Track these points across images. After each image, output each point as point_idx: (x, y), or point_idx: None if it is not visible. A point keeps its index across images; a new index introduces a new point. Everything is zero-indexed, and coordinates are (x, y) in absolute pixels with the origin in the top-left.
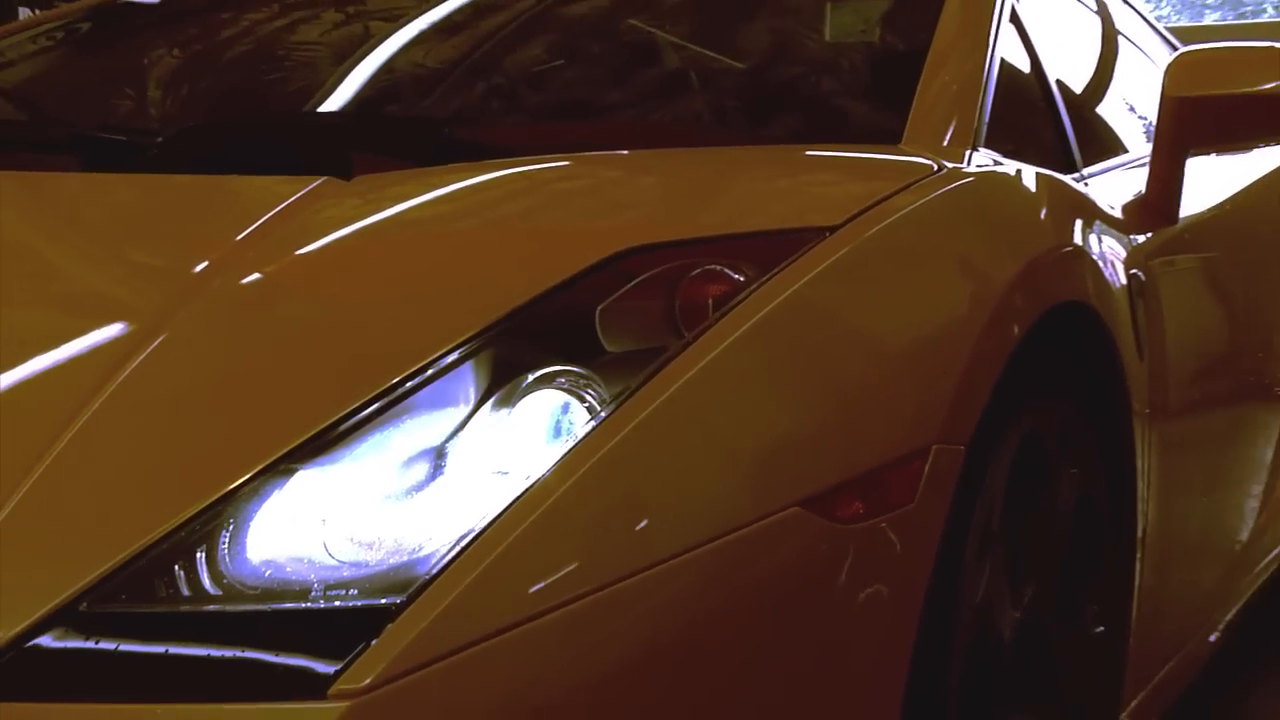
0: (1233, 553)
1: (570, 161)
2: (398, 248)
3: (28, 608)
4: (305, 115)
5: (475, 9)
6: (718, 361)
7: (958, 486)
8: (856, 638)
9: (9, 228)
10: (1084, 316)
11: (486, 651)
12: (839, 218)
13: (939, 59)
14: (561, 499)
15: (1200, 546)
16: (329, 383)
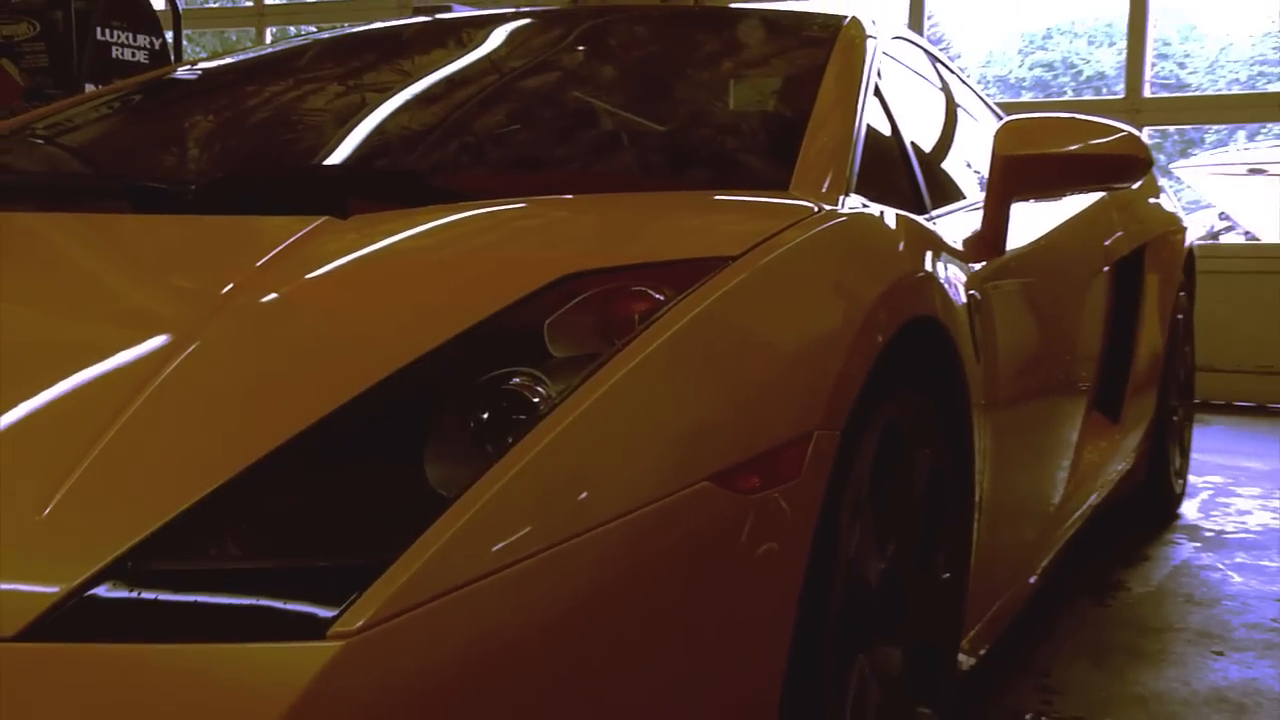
0: (1048, 513)
1: (525, 204)
2: (385, 273)
3: (85, 564)
4: (310, 168)
5: (449, 83)
6: (642, 364)
7: (834, 464)
8: (756, 583)
9: (75, 257)
10: (932, 328)
11: (457, 599)
12: (740, 249)
13: (818, 124)
14: (517, 474)
15: (1024, 508)
16: (331, 379)
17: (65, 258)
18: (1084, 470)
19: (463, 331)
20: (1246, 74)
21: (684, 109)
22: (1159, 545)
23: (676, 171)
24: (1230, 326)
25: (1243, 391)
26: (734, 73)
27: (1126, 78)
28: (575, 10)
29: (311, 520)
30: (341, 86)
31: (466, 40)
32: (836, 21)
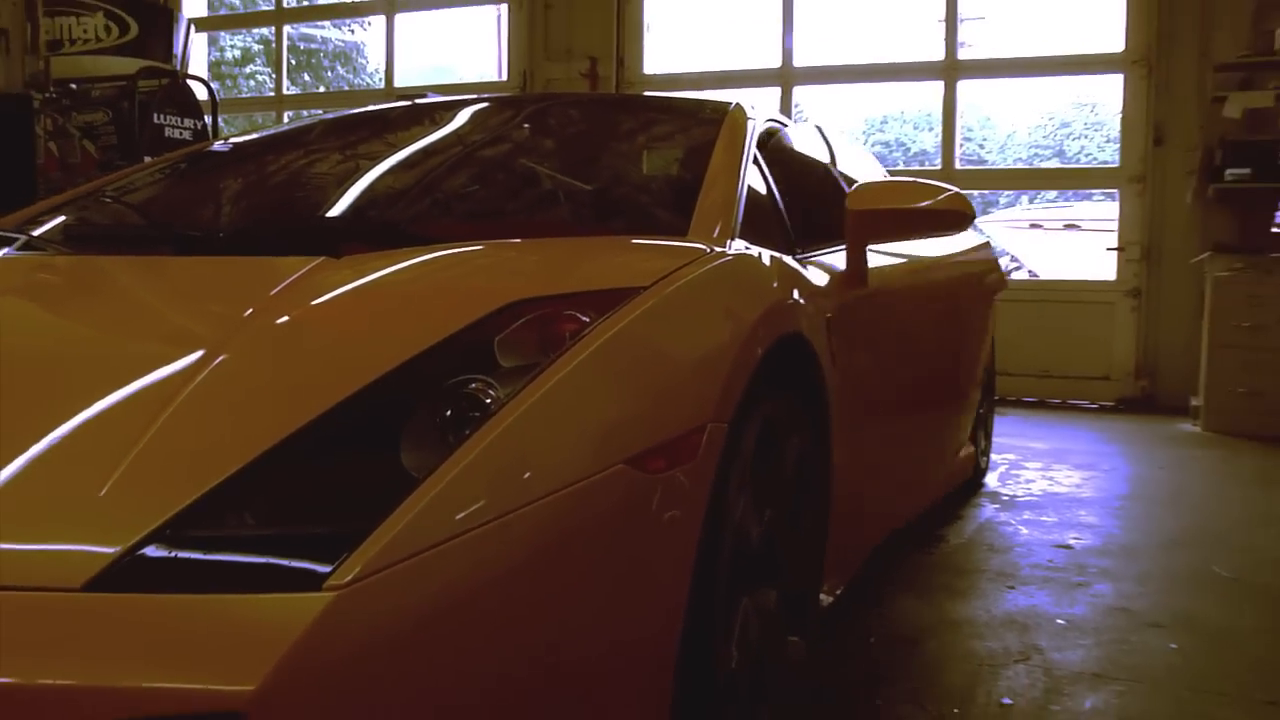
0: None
1: (482, 245)
2: (370, 300)
3: (134, 531)
4: (312, 219)
5: (424, 152)
6: (572, 372)
7: (723, 449)
8: (663, 542)
9: (133, 289)
10: (799, 343)
11: (428, 558)
12: (649, 281)
13: (710, 185)
14: (474, 459)
15: (876, 483)
16: (327, 384)
17: (126, 289)
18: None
19: (431, 346)
20: (1027, 154)
21: (607, 172)
22: (969, 507)
23: (601, 221)
24: (1018, 341)
25: (1027, 390)
26: (645, 145)
27: (942, 155)
28: (522, 96)
29: (310, 496)
30: (340, 155)
31: (438, 119)
32: (725, 106)
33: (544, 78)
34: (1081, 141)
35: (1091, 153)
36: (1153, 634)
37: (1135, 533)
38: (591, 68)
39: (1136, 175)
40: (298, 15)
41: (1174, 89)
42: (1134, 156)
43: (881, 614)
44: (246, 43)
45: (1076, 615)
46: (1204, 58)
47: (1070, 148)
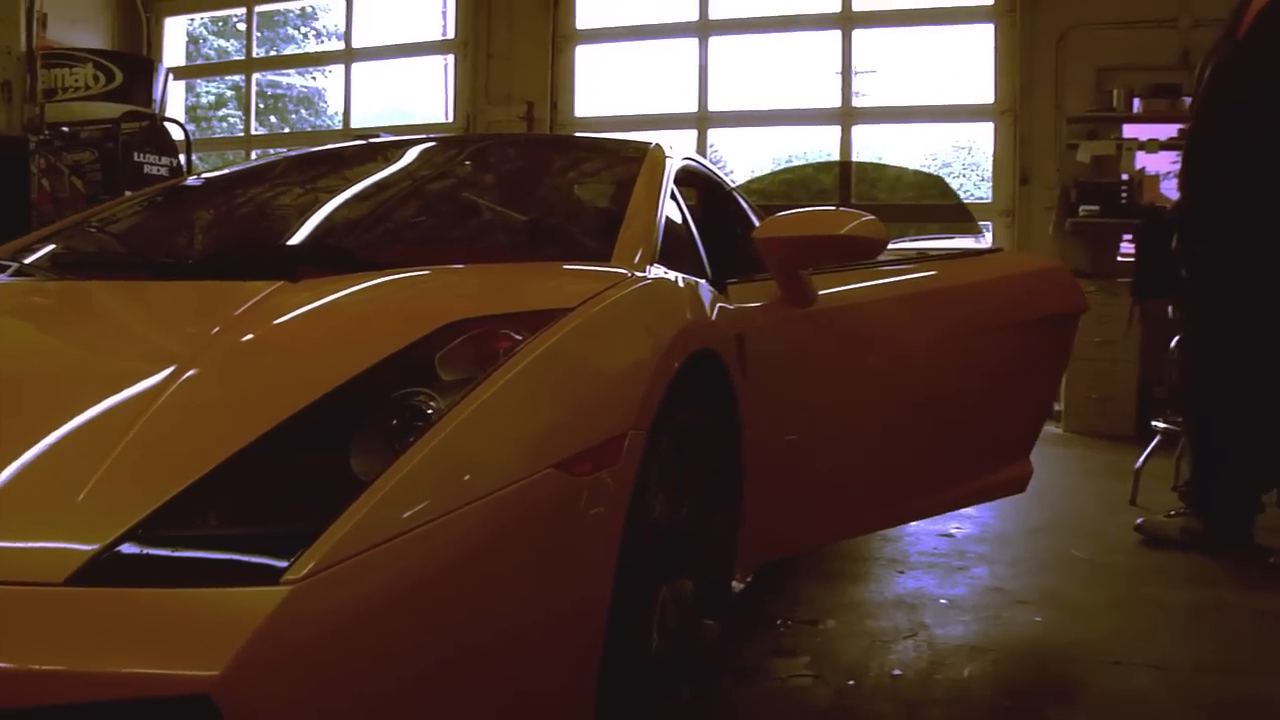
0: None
1: (427, 270)
2: (324, 320)
3: (110, 531)
4: (273, 246)
5: (377, 186)
6: (505, 386)
7: (643, 453)
8: (588, 539)
9: (113, 311)
10: (712, 357)
11: (377, 553)
12: (576, 302)
13: (632, 216)
14: (418, 464)
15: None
16: (285, 396)
17: (107, 311)
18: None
19: (378, 361)
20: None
21: (540, 204)
22: None
23: (534, 248)
24: None
25: None
26: (575, 180)
27: (839, 192)
28: (465, 136)
29: (269, 498)
30: (301, 189)
31: (389, 157)
32: (645, 146)
33: (486, 120)
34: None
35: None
36: (1021, 610)
37: (1007, 522)
38: (529, 111)
39: (1006, 210)
40: (266, 64)
41: (1035, 136)
42: (1004, 194)
43: (787, 598)
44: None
45: (957, 595)
46: (1059, 110)
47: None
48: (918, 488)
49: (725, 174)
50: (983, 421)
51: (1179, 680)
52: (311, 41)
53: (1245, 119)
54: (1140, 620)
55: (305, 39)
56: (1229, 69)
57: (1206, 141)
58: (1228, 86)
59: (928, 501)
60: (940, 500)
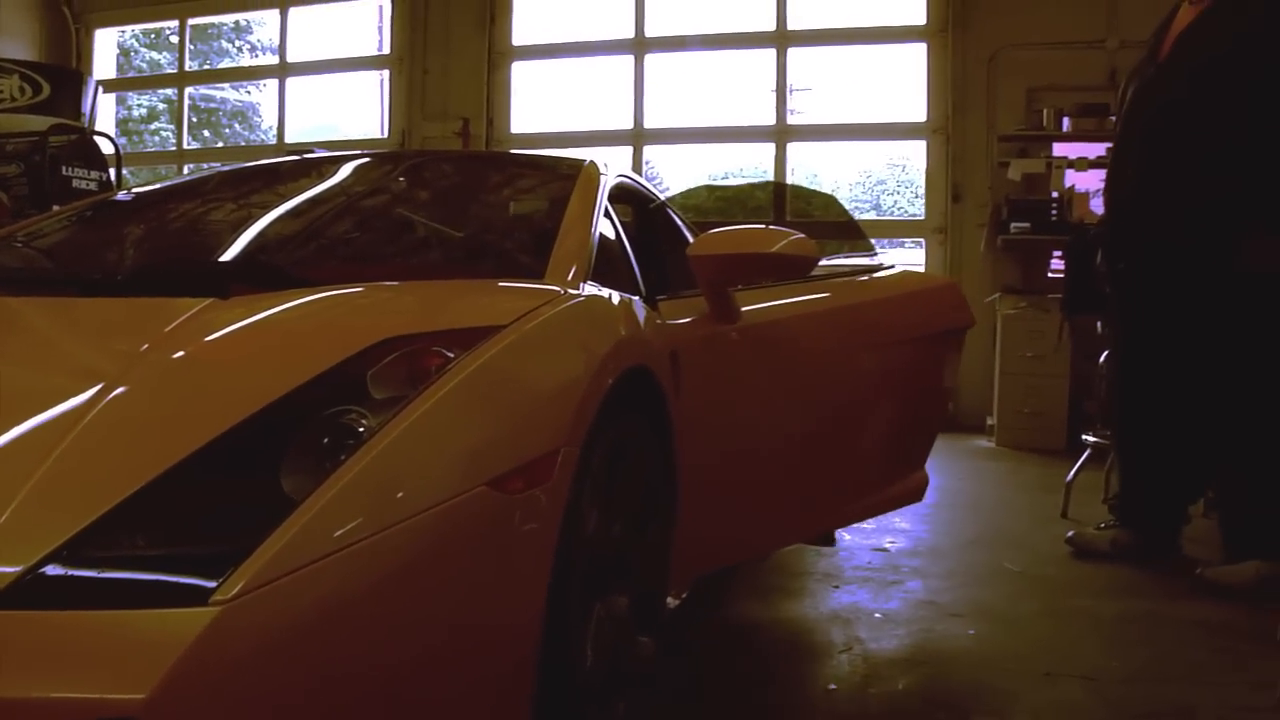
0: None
1: (360, 288)
2: (254, 337)
3: (34, 552)
4: (203, 262)
5: (310, 202)
6: (437, 404)
7: (576, 470)
8: (521, 556)
9: (40, 327)
10: (645, 374)
11: (308, 572)
12: (509, 319)
13: (565, 233)
14: (348, 482)
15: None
16: (214, 414)
17: (33, 328)
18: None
19: (310, 379)
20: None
21: (474, 221)
22: None
23: (469, 265)
24: None
25: None
26: (509, 197)
27: (774, 209)
28: (400, 152)
29: (198, 518)
30: (233, 205)
31: (323, 173)
32: (580, 163)
33: (421, 136)
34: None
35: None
36: (955, 623)
37: (941, 535)
38: (464, 127)
39: (939, 227)
40: (198, 78)
41: (967, 154)
42: (937, 211)
43: (723, 614)
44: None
45: (891, 609)
46: (990, 129)
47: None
48: (836, 498)
49: (661, 191)
50: (889, 433)
51: (1109, 690)
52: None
53: (1165, 139)
54: (1071, 631)
55: (240, 53)
56: (1150, 89)
57: (1128, 160)
58: (1149, 106)
59: (845, 511)
60: (855, 509)
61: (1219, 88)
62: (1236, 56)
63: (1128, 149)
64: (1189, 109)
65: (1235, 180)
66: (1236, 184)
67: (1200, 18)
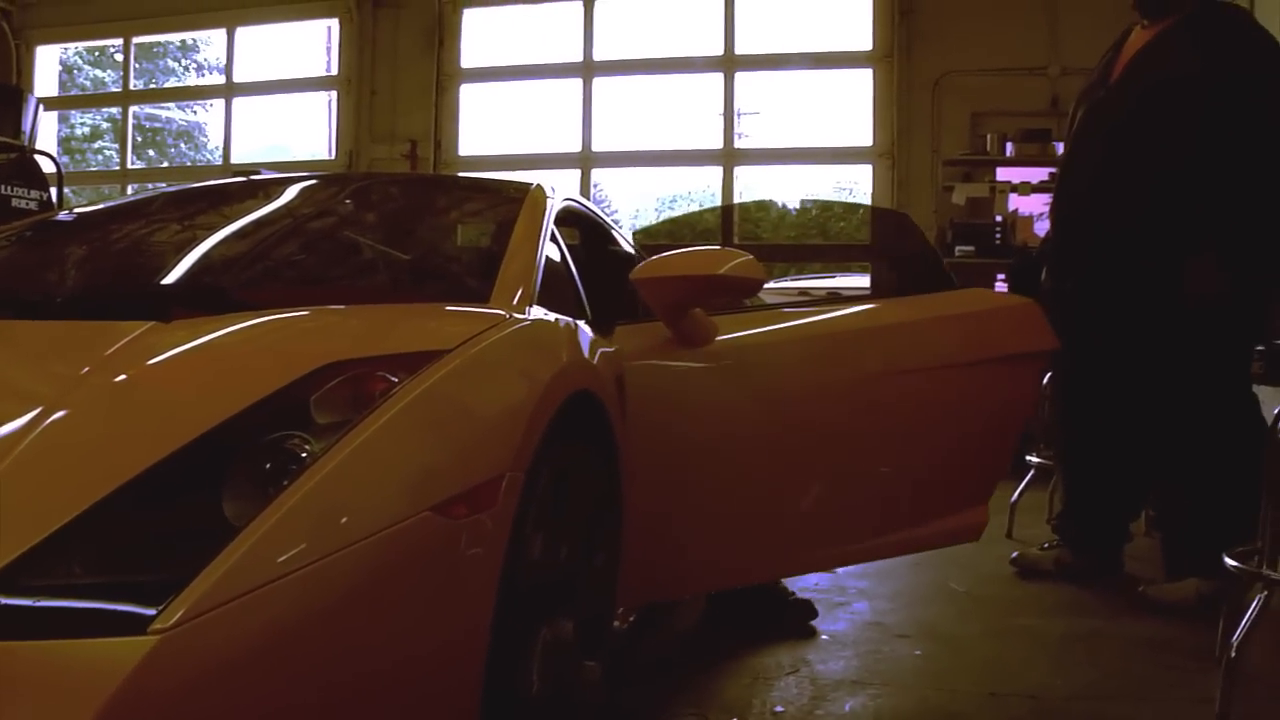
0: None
1: (306, 311)
2: (196, 361)
3: None
4: (145, 285)
5: (256, 224)
6: (381, 428)
7: (521, 495)
8: (466, 581)
9: None
10: (590, 398)
11: (251, 599)
12: (453, 344)
13: (511, 257)
14: (291, 508)
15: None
16: (155, 438)
17: None
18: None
19: (252, 404)
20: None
21: (421, 244)
22: None
23: (415, 288)
24: None
25: None
26: (456, 220)
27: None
28: (347, 175)
29: (138, 545)
30: (178, 226)
31: (269, 194)
32: (526, 187)
33: (369, 157)
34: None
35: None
36: (901, 643)
37: None
38: (412, 149)
39: None
40: (143, 97)
41: (912, 179)
42: None
43: (670, 636)
44: (96, 121)
45: (839, 631)
46: (935, 154)
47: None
48: (840, 534)
49: (609, 214)
50: (929, 465)
51: (1054, 709)
52: (192, 75)
53: (1113, 160)
54: (1016, 651)
55: (186, 72)
56: (1100, 111)
57: (1076, 180)
58: (1099, 128)
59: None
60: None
61: (1169, 112)
62: (1187, 81)
63: (1076, 169)
64: (1139, 132)
65: (1181, 203)
66: (1183, 207)
67: (1153, 41)
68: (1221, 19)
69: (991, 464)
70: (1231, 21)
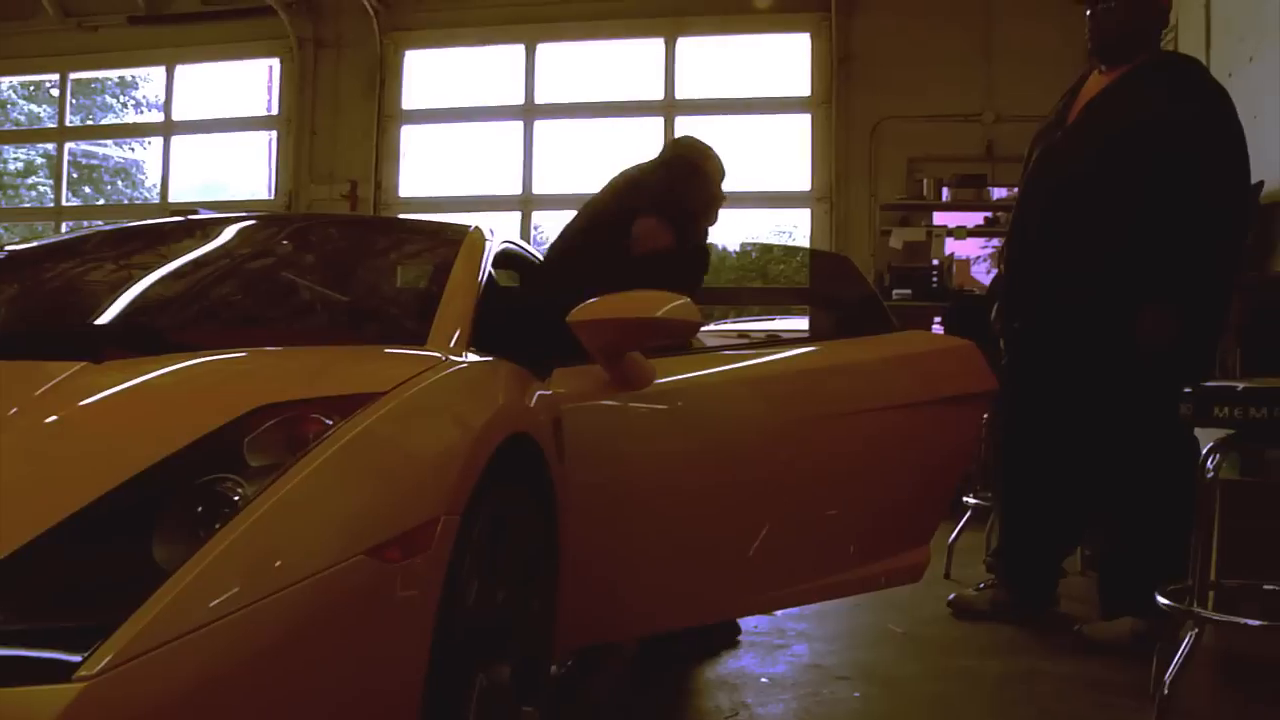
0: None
1: (242, 352)
2: (127, 402)
3: None
4: (76, 325)
5: (193, 264)
6: (314, 471)
7: (456, 538)
8: (400, 625)
9: None
10: (527, 441)
11: (180, 645)
12: (388, 386)
13: (449, 299)
14: (222, 551)
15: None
16: (84, 481)
17: None
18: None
19: (184, 446)
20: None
21: (359, 286)
22: None
23: (353, 330)
24: None
25: None
26: (394, 262)
27: None
28: (286, 215)
29: (64, 590)
30: (113, 265)
31: (207, 234)
32: (464, 229)
33: (309, 198)
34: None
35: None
36: (841, 685)
37: None
38: (352, 190)
39: None
40: (80, 133)
41: (851, 223)
42: None
43: (608, 679)
44: (30, 156)
45: (778, 673)
46: (873, 198)
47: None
48: (781, 576)
49: None
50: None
51: None
52: (131, 111)
53: (1066, 204)
54: (955, 691)
55: (124, 108)
56: (1054, 153)
57: (1028, 221)
58: (1052, 171)
59: (796, 591)
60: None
61: (1120, 159)
62: (1138, 130)
63: (1028, 210)
64: (1091, 176)
65: (1129, 250)
66: (1131, 254)
67: (1108, 88)
68: (1174, 70)
69: (932, 505)
70: (1184, 73)
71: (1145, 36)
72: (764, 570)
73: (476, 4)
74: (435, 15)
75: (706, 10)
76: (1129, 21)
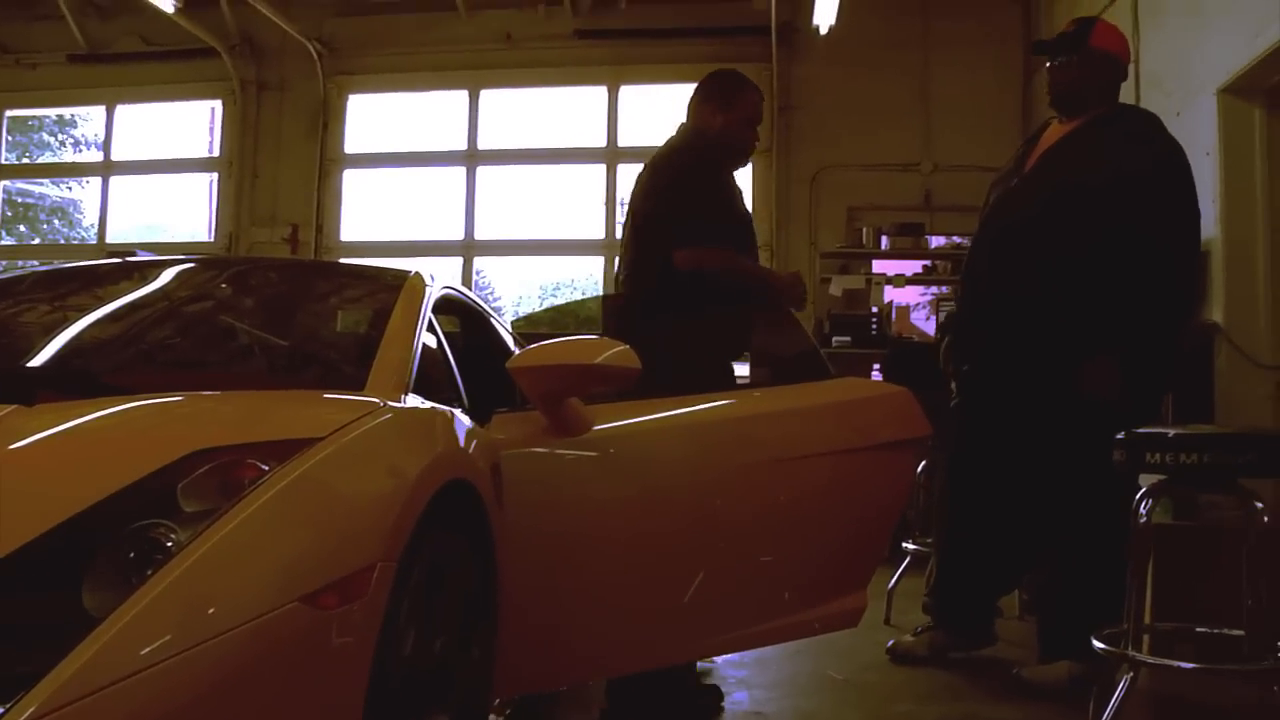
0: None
1: (177, 396)
2: (57, 447)
3: None
4: (9, 367)
5: (130, 307)
6: (249, 517)
7: (393, 585)
8: (336, 673)
9: None
10: (465, 487)
11: (110, 694)
12: (326, 432)
13: (388, 344)
14: (155, 598)
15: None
16: (16, 524)
17: None
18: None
19: (116, 491)
20: None
21: (298, 330)
22: None
23: (291, 374)
24: None
25: None
26: (334, 306)
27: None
28: (225, 258)
29: None
30: (48, 306)
31: (144, 276)
32: (405, 274)
33: (250, 240)
34: None
35: None
36: None
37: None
38: (293, 233)
39: None
40: (16, 172)
41: (791, 269)
42: None
43: None
44: None
45: None
46: (813, 246)
47: None
48: (719, 622)
49: (492, 301)
50: (807, 553)
51: None
52: (69, 150)
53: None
54: None
55: (63, 147)
56: (1010, 199)
57: (980, 266)
58: (1006, 216)
59: (734, 636)
60: (753, 634)
61: (1072, 210)
62: (1092, 182)
63: (980, 254)
64: (1043, 226)
65: (1078, 300)
66: (1079, 304)
67: (1066, 138)
68: (1131, 124)
69: (870, 549)
70: (1140, 127)
71: (1102, 90)
72: (701, 616)
73: (421, 49)
74: (379, 59)
75: (648, 59)
76: (1087, 76)
